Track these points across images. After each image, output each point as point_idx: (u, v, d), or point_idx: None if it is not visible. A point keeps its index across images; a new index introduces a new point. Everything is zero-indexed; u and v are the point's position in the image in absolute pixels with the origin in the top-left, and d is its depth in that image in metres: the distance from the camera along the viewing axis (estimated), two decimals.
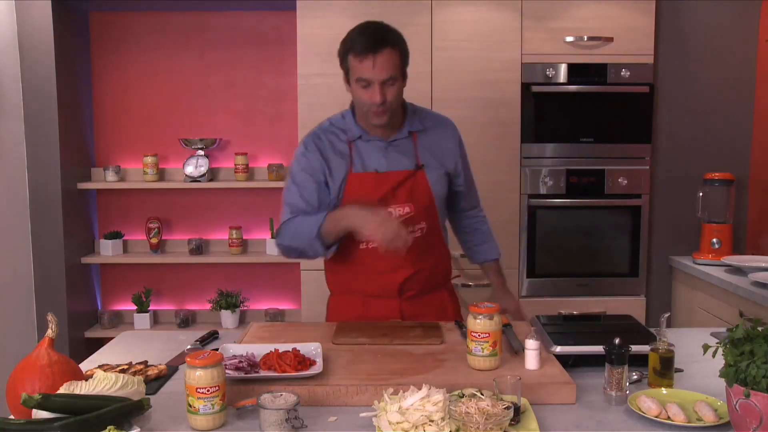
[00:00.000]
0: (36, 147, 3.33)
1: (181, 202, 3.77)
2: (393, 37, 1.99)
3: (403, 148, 2.10)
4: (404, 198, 2.06)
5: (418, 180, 2.08)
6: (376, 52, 1.92)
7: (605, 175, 3.32)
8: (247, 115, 3.73)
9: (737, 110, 3.43)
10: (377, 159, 2.07)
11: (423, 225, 2.09)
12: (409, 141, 2.11)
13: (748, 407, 1.27)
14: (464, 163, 2.24)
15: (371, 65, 1.92)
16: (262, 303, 3.80)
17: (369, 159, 2.08)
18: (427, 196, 2.09)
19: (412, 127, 2.11)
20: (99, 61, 3.70)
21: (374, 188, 2.05)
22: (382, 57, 1.92)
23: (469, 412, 1.33)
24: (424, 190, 2.09)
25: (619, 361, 1.54)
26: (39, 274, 3.38)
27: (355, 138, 2.09)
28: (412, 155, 2.10)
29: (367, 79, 1.94)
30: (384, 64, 1.93)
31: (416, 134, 2.12)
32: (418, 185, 2.08)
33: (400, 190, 2.06)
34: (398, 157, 2.08)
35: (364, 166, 2.07)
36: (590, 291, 3.36)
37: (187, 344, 2.02)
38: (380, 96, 1.94)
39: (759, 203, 3.39)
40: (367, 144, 2.09)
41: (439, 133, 2.17)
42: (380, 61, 1.92)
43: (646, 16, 3.25)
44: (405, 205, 2.06)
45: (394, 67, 1.95)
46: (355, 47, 1.95)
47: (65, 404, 1.35)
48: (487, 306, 1.69)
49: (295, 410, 1.39)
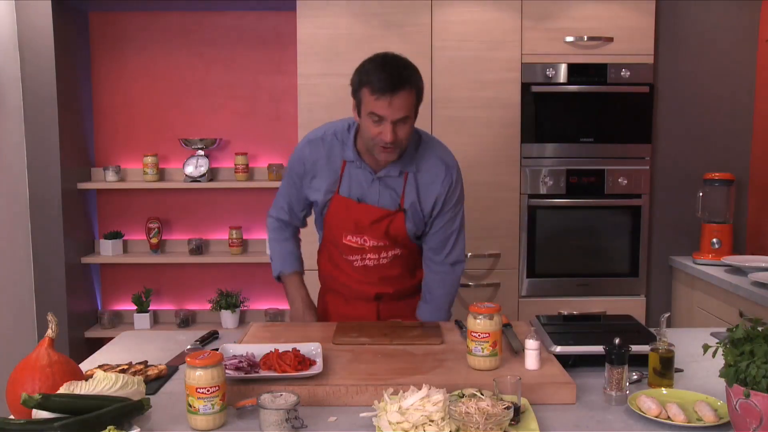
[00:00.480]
0: (36, 147, 3.33)
1: (181, 202, 3.77)
2: (412, 76, 1.93)
3: (391, 184, 2.06)
4: (379, 234, 2.08)
5: (396, 221, 2.07)
6: (394, 93, 1.86)
7: (605, 175, 3.32)
8: (247, 115, 3.73)
9: (737, 110, 3.43)
10: (362, 188, 2.07)
11: (398, 251, 2.14)
12: (399, 180, 2.06)
13: (748, 407, 1.27)
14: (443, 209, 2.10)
15: (387, 104, 1.87)
16: (262, 303, 3.80)
17: (355, 186, 2.07)
18: (401, 234, 2.10)
19: (405, 167, 2.05)
20: (99, 61, 3.70)
21: (352, 215, 2.07)
22: (399, 98, 1.87)
23: (469, 412, 1.33)
24: (399, 230, 2.09)
25: (619, 361, 1.54)
26: (39, 274, 3.38)
27: (348, 161, 2.07)
28: (398, 194, 2.06)
29: (381, 116, 1.89)
30: (400, 105, 1.88)
31: (407, 174, 2.06)
32: (393, 225, 2.08)
33: (376, 226, 2.07)
34: (383, 192, 2.06)
35: (350, 192, 2.07)
36: (590, 291, 3.36)
37: (187, 344, 2.02)
38: (391, 135, 1.90)
39: (759, 203, 3.39)
40: (357, 170, 2.06)
41: (430, 176, 2.07)
42: (397, 102, 1.87)
43: (646, 16, 3.25)
44: (379, 241, 2.10)
45: (409, 107, 1.91)
46: (372, 83, 1.88)
47: (65, 404, 1.35)
48: (487, 306, 1.69)
49: (295, 410, 1.39)
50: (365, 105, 1.92)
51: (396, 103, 1.87)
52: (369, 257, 2.13)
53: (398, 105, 1.88)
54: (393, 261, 2.15)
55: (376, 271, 2.15)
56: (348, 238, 2.11)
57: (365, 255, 2.13)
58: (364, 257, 2.13)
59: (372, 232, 2.08)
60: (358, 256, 2.13)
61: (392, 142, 1.91)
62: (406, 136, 1.94)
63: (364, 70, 1.94)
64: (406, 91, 1.89)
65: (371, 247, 2.10)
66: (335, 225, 2.12)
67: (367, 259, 2.13)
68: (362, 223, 2.07)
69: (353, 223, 2.07)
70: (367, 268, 2.15)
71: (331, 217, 2.11)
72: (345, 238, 2.11)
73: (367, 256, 2.13)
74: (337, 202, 2.08)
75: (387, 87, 1.86)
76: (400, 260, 2.17)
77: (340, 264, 2.20)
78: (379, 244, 2.10)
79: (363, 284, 2.18)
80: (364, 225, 2.07)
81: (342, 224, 2.10)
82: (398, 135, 1.91)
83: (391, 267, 2.16)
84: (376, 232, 2.08)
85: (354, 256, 2.14)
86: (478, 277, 3.31)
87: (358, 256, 2.13)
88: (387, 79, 1.87)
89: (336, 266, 2.23)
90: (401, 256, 2.16)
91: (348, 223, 2.08)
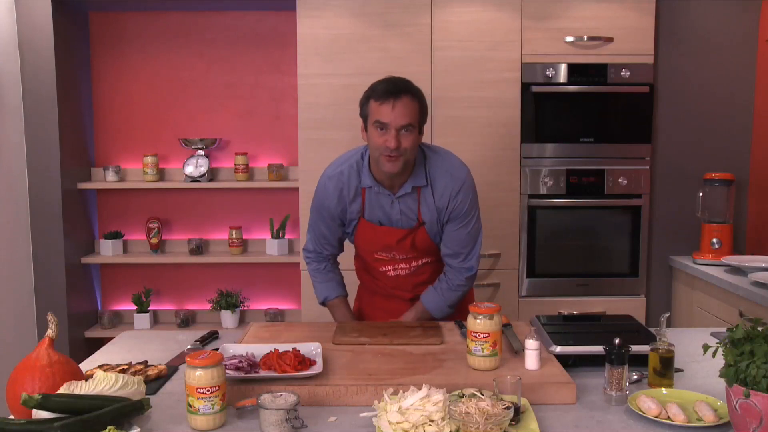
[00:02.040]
0: (36, 147, 3.33)
1: (181, 202, 3.77)
2: (415, 89, 2.03)
3: (407, 202, 2.14)
4: (406, 249, 2.19)
5: (419, 234, 2.16)
6: (397, 98, 1.96)
7: (605, 175, 3.32)
8: (247, 115, 3.73)
9: (737, 110, 3.43)
10: (383, 212, 2.15)
11: (428, 259, 2.24)
12: (413, 196, 2.13)
13: (748, 407, 1.27)
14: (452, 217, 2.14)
15: (390, 109, 1.96)
16: (262, 303, 3.80)
17: (376, 210, 2.15)
18: (428, 244, 2.20)
19: (416, 182, 2.11)
20: (99, 61, 3.70)
21: (378, 238, 2.18)
22: (401, 103, 1.96)
23: (469, 412, 1.33)
24: (425, 240, 2.18)
25: (619, 361, 1.54)
26: (39, 274, 3.38)
27: (366, 187, 2.14)
28: (415, 211, 2.15)
29: (385, 123, 1.96)
30: (402, 110, 1.96)
31: (420, 189, 2.13)
32: (418, 239, 2.17)
33: (402, 243, 2.17)
34: (402, 212, 2.15)
35: (371, 217, 2.17)
36: (590, 291, 3.36)
37: (187, 344, 2.02)
38: (395, 141, 1.96)
39: (759, 203, 3.39)
40: (376, 196, 2.14)
41: (441, 187, 2.13)
42: (399, 107, 1.96)
43: (646, 16, 3.25)
44: (407, 254, 2.20)
45: (412, 116, 1.98)
46: (376, 92, 2.00)
47: (65, 404, 1.35)
48: (487, 306, 1.69)
49: (295, 410, 1.39)
50: (371, 116, 2.01)
51: (399, 108, 1.96)
52: (401, 267, 2.23)
53: (401, 110, 1.96)
54: (423, 267, 2.25)
55: (408, 279, 2.26)
56: (378, 254, 2.22)
57: (397, 265, 2.24)
58: (396, 267, 2.24)
59: (399, 249, 2.19)
60: (390, 266, 2.24)
61: (396, 149, 1.96)
62: (410, 145, 1.99)
63: (369, 88, 2.05)
64: (409, 97, 1.98)
65: (401, 258, 2.21)
66: (364, 246, 2.24)
67: (399, 269, 2.24)
68: (389, 244, 2.17)
69: (381, 244, 2.19)
70: (400, 277, 2.25)
71: (359, 239, 2.23)
72: (375, 254, 2.23)
73: (399, 266, 2.24)
74: (363, 226, 2.19)
75: (390, 92, 1.97)
76: (429, 267, 2.26)
77: (374, 273, 2.30)
78: (409, 256, 2.21)
79: (398, 290, 2.29)
80: (390, 245, 2.18)
81: (370, 245, 2.22)
82: (402, 143, 1.97)
83: (423, 273, 2.26)
84: (402, 248, 2.18)
85: (386, 267, 2.25)
86: (478, 277, 3.28)
87: (390, 266, 2.24)
88: (389, 87, 1.99)
89: (370, 274, 2.33)
90: (431, 263, 2.26)
91: (375, 244, 2.20)
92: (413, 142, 2.00)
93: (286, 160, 3.71)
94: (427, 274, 2.27)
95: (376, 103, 1.99)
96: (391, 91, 1.97)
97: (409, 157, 2.02)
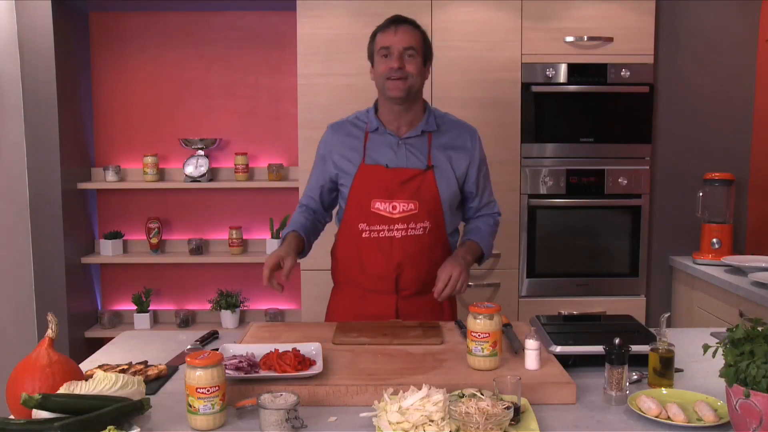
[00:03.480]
0: (36, 147, 3.33)
1: (181, 202, 3.77)
2: (417, 25, 2.13)
3: (416, 146, 2.13)
4: (410, 194, 2.09)
5: (427, 180, 2.11)
6: (399, 24, 2.07)
7: (605, 175, 3.32)
8: (247, 115, 3.74)
9: (737, 110, 3.43)
10: (388, 154, 2.12)
11: (427, 224, 2.12)
12: (423, 140, 2.14)
13: (748, 407, 1.27)
14: (480, 168, 2.22)
15: (393, 34, 2.06)
16: (262, 303, 3.80)
17: (380, 153, 2.13)
18: (433, 196, 2.11)
19: (427, 127, 2.14)
20: (99, 61, 3.70)
21: (382, 181, 2.10)
22: (403, 28, 2.07)
23: (469, 412, 1.33)
24: (431, 190, 2.11)
25: (619, 361, 1.54)
26: (39, 274, 3.38)
27: (372, 129, 2.15)
28: (425, 155, 2.12)
29: (388, 46, 2.05)
30: (404, 34, 2.06)
31: (431, 134, 2.15)
32: (425, 185, 2.10)
33: (407, 186, 2.09)
34: (409, 154, 2.12)
35: (375, 160, 2.12)
36: (590, 291, 3.36)
37: (187, 344, 2.02)
38: (398, 62, 2.03)
39: (759, 203, 3.39)
40: (381, 137, 2.14)
41: (455, 136, 2.18)
42: (401, 31, 2.06)
43: (646, 16, 3.25)
44: (410, 202, 2.10)
45: (414, 40, 2.07)
46: (380, 26, 2.11)
47: (65, 404, 1.35)
48: (487, 306, 1.69)
49: (295, 410, 1.39)
50: (376, 46, 2.10)
51: (400, 32, 2.06)
52: (397, 228, 2.10)
53: (402, 34, 2.06)
54: (420, 237, 2.11)
55: (401, 245, 2.09)
56: (376, 206, 2.10)
57: (392, 225, 2.10)
58: (391, 228, 2.10)
59: (403, 194, 2.09)
60: (386, 226, 2.10)
61: (399, 69, 2.03)
62: (414, 71, 2.06)
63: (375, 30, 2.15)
64: (411, 26, 2.09)
65: (399, 216, 2.09)
66: (363, 195, 2.11)
67: (394, 230, 2.10)
68: (392, 186, 2.09)
69: (383, 188, 2.09)
70: (393, 241, 2.09)
71: (358, 187, 2.13)
72: (373, 205, 2.10)
73: (394, 227, 2.10)
74: (363, 171, 2.12)
75: (392, 21, 2.09)
76: (427, 238, 2.12)
77: (361, 247, 2.14)
78: (409, 211, 2.09)
79: (384, 266, 2.11)
80: (394, 188, 2.09)
81: (371, 191, 2.11)
82: (406, 66, 2.05)
83: (417, 243, 2.11)
84: (406, 192, 2.09)
85: (381, 226, 2.10)
86: (478, 277, 3.31)
87: (386, 226, 2.10)
88: (393, 18, 2.11)
89: (356, 251, 2.15)
90: (430, 231, 2.12)
91: (377, 188, 2.10)
92: (417, 67, 2.07)
93: (286, 160, 3.72)
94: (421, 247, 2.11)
95: (380, 33, 2.10)
96: (393, 20, 2.09)
97: (414, 84, 2.07)
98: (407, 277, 2.13)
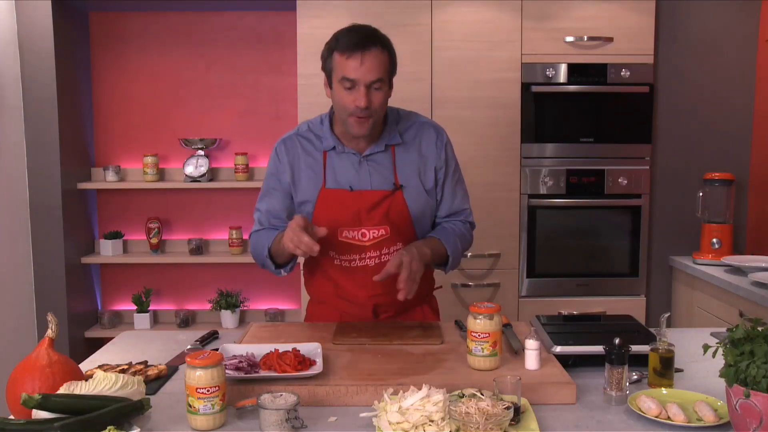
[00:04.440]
0: (36, 147, 3.33)
1: (181, 202, 3.77)
2: (383, 38, 1.86)
3: (380, 162, 1.95)
4: (379, 220, 1.93)
5: (396, 201, 1.93)
6: (365, 50, 1.79)
7: (605, 175, 3.32)
8: (247, 115, 3.74)
9: (737, 110, 3.43)
10: (349, 173, 1.94)
11: (399, 246, 1.95)
12: (386, 155, 1.95)
13: (748, 407, 1.27)
14: (447, 172, 2.02)
15: (358, 63, 1.79)
16: (262, 303, 3.80)
17: (342, 174, 1.94)
18: (404, 218, 1.95)
19: (390, 140, 1.95)
20: (99, 61, 3.70)
21: (347, 208, 1.92)
22: (370, 56, 1.80)
23: (469, 412, 1.33)
24: (402, 212, 1.95)
25: (619, 361, 1.54)
26: (39, 274, 3.38)
27: (329, 149, 1.96)
28: (390, 172, 1.95)
29: (353, 79, 1.80)
30: (372, 64, 1.80)
31: (394, 147, 1.96)
32: (395, 207, 1.93)
33: (375, 211, 1.92)
34: (373, 172, 1.94)
35: (337, 182, 1.94)
36: (590, 291, 3.36)
37: (187, 344, 2.02)
38: (365, 100, 1.80)
39: (759, 203, 3.39)
40: (341, 157, 1.95)
41: (419, 145, 1.98)
42: (368, 60, 1.79)
43: (646, 16, 3.25)
44: (380, 228, 1.94)
45: (382, 69, 1.82)
46: (341, 44, 1.82)
47: (65, 404, 1.35)
48: (487, 306, 1.69)
49: (295, 410, 1.39)
50: (336, 71, 1.84)
51: (368, 62, 1.79)
52: (369, 256, 1.95)
53: (370, 64, 1.80)
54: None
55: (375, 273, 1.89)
56: (345, 234, 1.93)
57: (364, 254, 1.95)
58: (363, 256, 1.95)
59: (371, 220, 1.92)
60: (357, 255, 1.95)
61: (366, 108, 1.81)
62: (380, 104, 1.85)
63: (333, 38, 1.87)
64: (378, 49, 1.81)
65: (371, 243, 1.93)
66: (328, 223, 1.88)
67: (366, 258, 1.95)
68: (359, 212, 1.91)
69: (349, 214, 1.92)
70: (366, 269, 1.95)
71: (322, 214, 1.93)
72: (341, 234, 1.93)
73: (366, 255, 1.95)
74: (325, 196, 1.93)
75: (358, 44, 1.80)
76: None
77: (334, 275, 2.00)
78: (380, 237, 1.93)
79: (361, 295, 1.99)
80: (361, 213, 1.91)
81: (337, 219, 1.92)
82: (372, 102, 1.82)
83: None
84: (375, 218, 1.92)
85: (352, 256, 1.95)
86: (478, 277, 3.31)
87: (357, 255, 1.95)
88: (356, 38, 1.81)
89: (329, 277, 2.02)
90: None
91: (343, 216, 1.92)
92: (383, 98, 1.85)
93: None
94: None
95: (342, 56, 1.80)
96: (359, 44, 1.79)
97: (378, 117, 1.87)
98: (386, 302, 2.01)
